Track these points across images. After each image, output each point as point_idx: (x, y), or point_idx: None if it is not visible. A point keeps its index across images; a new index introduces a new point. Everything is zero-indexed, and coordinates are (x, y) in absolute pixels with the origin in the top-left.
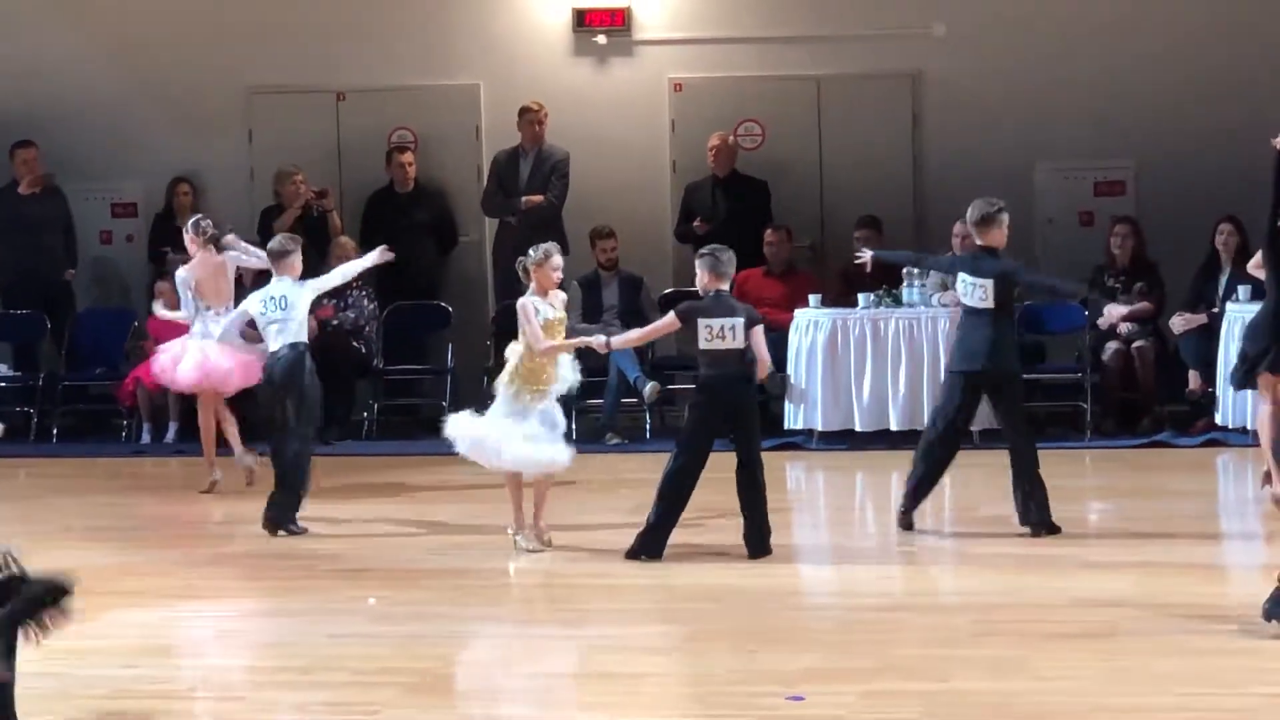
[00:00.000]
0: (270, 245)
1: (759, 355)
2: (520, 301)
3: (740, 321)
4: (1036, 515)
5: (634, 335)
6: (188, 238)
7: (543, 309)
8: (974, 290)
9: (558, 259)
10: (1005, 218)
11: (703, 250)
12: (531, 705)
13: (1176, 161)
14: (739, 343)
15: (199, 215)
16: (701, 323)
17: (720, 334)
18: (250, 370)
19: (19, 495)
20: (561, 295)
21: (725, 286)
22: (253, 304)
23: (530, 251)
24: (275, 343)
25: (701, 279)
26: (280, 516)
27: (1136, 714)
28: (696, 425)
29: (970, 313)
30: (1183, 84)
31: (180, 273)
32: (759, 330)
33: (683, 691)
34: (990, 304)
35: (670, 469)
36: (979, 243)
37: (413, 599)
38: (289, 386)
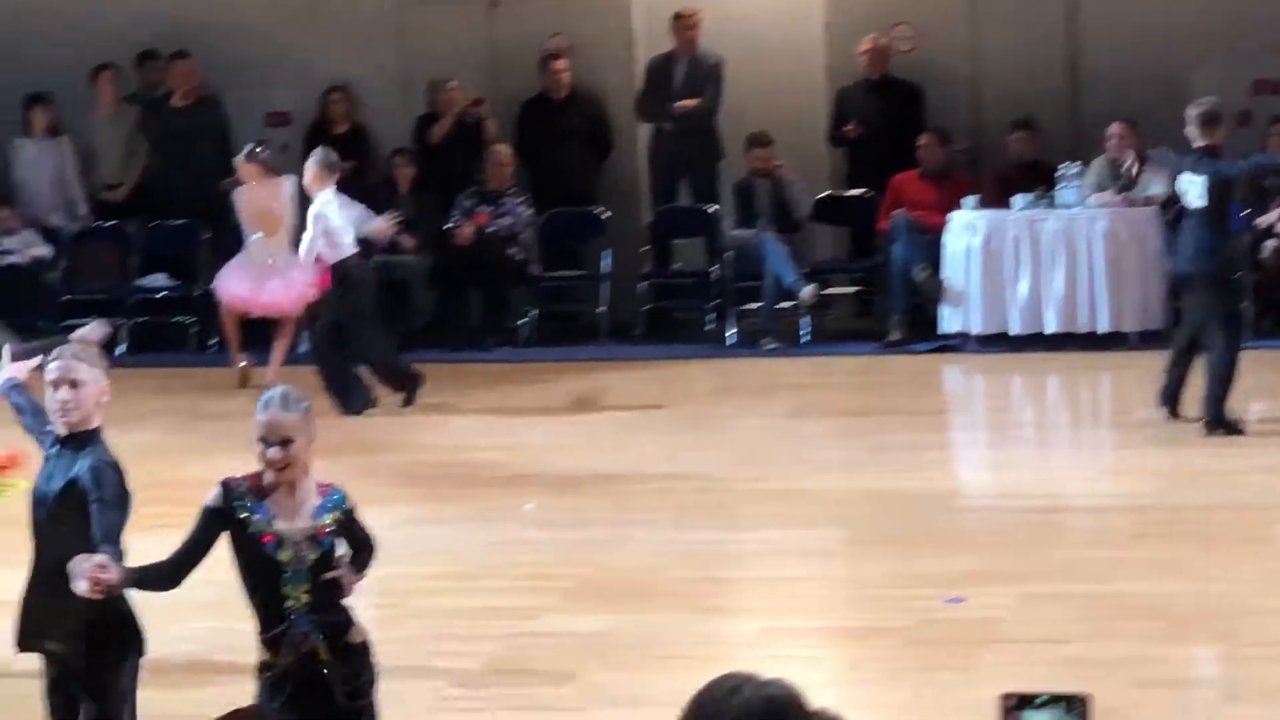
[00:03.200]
0: (332, 157)
1: None
2: None
3: None
4: (1211, 412)
5: None
6: None
7: None
8: (1189, 189)
9: None
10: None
11: None
12: (684, 610)
13: None
14: None
15: None
16: None
17: None
18: None
19: None
20: None
21: None
22: (335, 214)
23: None
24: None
25: None
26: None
27: None
28: None
29: (1188, 214)
30: None
31: None
32: None
33: (841, 595)
34: (1202, 203)
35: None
36: (1201, 143)
37: (572, 505)
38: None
